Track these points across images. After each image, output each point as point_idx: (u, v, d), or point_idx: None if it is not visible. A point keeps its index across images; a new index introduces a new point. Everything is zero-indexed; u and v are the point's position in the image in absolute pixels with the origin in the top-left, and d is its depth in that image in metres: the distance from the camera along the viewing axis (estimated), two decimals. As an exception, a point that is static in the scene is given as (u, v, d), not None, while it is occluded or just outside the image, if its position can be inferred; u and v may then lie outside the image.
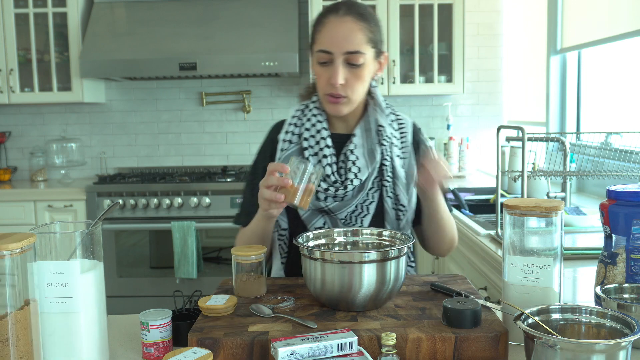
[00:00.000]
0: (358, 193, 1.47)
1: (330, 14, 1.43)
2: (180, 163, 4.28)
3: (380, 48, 1.48)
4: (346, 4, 1.44)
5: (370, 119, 1.52)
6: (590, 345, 0.89)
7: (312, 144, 1.50)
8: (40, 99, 3.89)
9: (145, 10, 3.88)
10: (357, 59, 1.41)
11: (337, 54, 1.41)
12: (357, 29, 1.41)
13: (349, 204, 1.47)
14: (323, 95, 1.47)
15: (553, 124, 3.36)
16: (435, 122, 4.21)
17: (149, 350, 1.11)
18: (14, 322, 0.92)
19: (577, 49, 3.10)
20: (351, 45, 1.40)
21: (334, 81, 1.41)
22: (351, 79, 1.43)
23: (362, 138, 1.50)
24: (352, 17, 1.41)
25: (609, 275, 1.19)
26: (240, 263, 1.31)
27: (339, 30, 1.40)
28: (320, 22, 1.44)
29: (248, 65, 3.62)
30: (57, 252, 1.04)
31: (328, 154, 1.48)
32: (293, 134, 1.53)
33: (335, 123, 1.55)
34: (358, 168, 1.47)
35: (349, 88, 1.44)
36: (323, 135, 1.50)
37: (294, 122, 1.55)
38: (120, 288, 3.67)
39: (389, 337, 0.97)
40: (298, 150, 1.51)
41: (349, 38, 1.40)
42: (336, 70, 1.41)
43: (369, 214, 1.49)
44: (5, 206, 3.71)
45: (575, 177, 2.61)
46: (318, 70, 1.46)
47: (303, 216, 1.49)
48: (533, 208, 1.11)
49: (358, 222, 1.49)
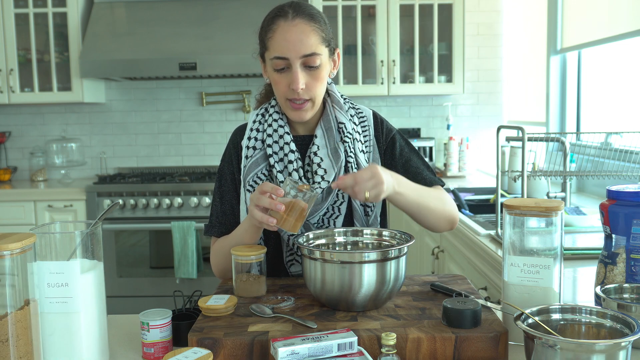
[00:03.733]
0: (328, 195, 1.46)
1: (279, 18, 1.39)
2: (180, 163, 4.28)
3: (333, 46, 1.46)
4: (292, 6, 1.41)
5: (330, 117, 1.50)
6: (590, 345, 0.89)
7: (276, 150, 1.48)
8: (40, 99, 3.89)
9: (145, 10, 3.88)
10: (314, 61, 1.39)
11: (294, 59, 1.38)
12: (309, 30, 1.38)
13: (320, 208, 1.45)
14: (284, 102, 1.44)
15: (553, 124, 3.36)
16: (435, 122, 4.21)
17: (149, 350, 1.11)
18: (14, 322, 0.92)
19: (577, 49, 3.10)
20: (307, 48, 1.37)
21: (295, 86, 1.38)
22: (310, 81, 1.40)
23: (324, 138, 1.48)
24: (303, 19, 1.38)
25: (609, 275, 1.19)
26: (240, 263, 1.31)
27: (292, 35, 1.37)
28: (270, 29, 1.41)
29: (248, 65, 3.62)
30: (57, 252, 1.04)
31: (293, 159, 1.46)
32: (256, 139, 1.50)
33: (295, 125, 1.52)
34: (324, 170, 1.45)
35: (310, 91, 1.41)
36: (286, 140, 1.47)
37: (255, 127, 1.51)
38: (120, 288, 3.67)
39: (389, 337, 0.97)
40: (263, 156, 1.48)
41: (304, 41, 1.37)
42: (295, 75, 1.38)
43: (341, 214, 1.48)
44: (5, 206, 3.71)
45: (575, 177, 2.61)
46: (275, 77, 1.42)
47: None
48: (533, 208, 1.11)
49: (331, 223, 1.48)
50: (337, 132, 1.49)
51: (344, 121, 1.49)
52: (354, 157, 1.48)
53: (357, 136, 1.51)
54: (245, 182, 1.47)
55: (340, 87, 3.83)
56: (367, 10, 3.90)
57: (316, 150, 1.47)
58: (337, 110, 1.50)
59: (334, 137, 1.48)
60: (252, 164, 1.48)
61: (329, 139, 1.48)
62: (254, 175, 1.47)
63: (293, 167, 1.46)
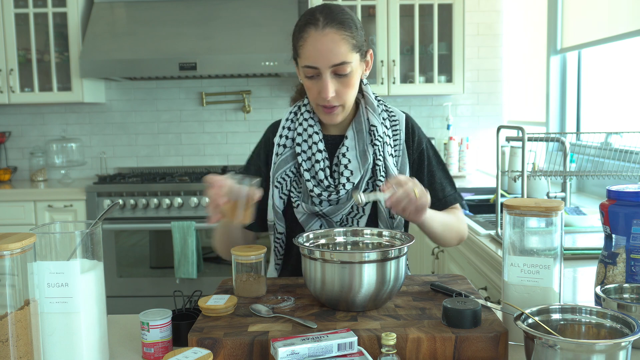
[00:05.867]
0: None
1: (310, 27, 1.39)
2: (180, 163, 4.28)
3: (364, 48, 1.45)
4: (324, 13, 1.40)
5: (362, 119, 1.51)
6: (590, 345, 0.89)
7: (304, 148, 1.50)
8: (40, 99, 3.89)
9: (145, 10, 3.87)
10: (344, 70, 1.39)
11: (324, 69, 1.38)
12: (339, 39, 1.37)
13: (343, 207, 1.47)
14: (316, 106, 1.46)
15: (553, 124, 3.36)
16: (435, 122, 4.21)
17: (149, 350, 1.11)
18: (14, 322, 0.92)
19: (577, 49, 3.10)
20: (337, 58, 1.37)
21: (324, 95, 1.40)
22: (341, 88, 1.41)
23: (354, 139, 1.49)
24: (333, 28, 1.37)
25: (609, 275, 1.19)
26: (240, 263, 1.31)
27: (322, 45, 1.37)
28: (301, 37, 1.41)
29: (248, 65, 3.62)
30: (57, 252, 1.04)
31: (320, 158, 1.48)
32: (287, 137, 1.52)
33: (327, 124, 1.54)
34: (350, 172, 1.46)
35: (340, 97, 1.42)
36: (315, 139, 1.49)
37: (287, 125, 1.54)
38: (120, 288, 3.67)
39: (389, 337, 0.97)
40: (292, 154, 1.51)
41: (334, 51, 1.37)
42: (325, 84, 1.39)
43: (365, 215, 1.49)
44: (5, 206, 3.71)
45: (575, 177, 2.61)
46: (307, 83, 1.44)
47: (300, 219, 1.49)
48: (533, 208, 1.11)
49: (354, 223, 1.49)
50: (368, 135, 1.49)
51: (376, 124, 1.49)
52: (382, 160, 1.49)
53: (387, 140, 1.51)
54: (273, 178, 1.50)
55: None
56: (367, 10, 3.90)
57: (345, 151, 1.48)
58: (370, 112, 1.51)
59: (364, 139, 1.49)
60: (281, 161, 1.51)
61: (358, 141, 1.49)
62: (282, 173, 1.50)
63: (320, 166, 1.47)
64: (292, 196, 1.50)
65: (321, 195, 1.46)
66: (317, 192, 1.46)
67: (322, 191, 1.46)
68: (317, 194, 1.46)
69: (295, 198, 1.49)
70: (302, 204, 1.47)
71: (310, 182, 1.47)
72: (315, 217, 1.49)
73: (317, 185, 1.47)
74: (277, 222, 1.51)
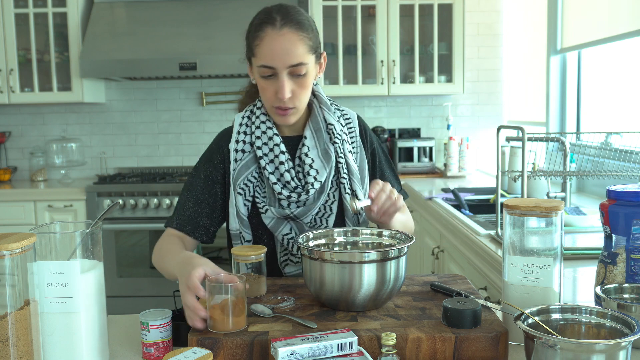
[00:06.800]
0: (320, 195, 1.47)
1: (267, 26, 1.38)
2: (180, 163, 4.28)
3: (319, 51, 1.45)
4: (281, 13, 1.39)
5: (319, 118, 1.50)
6: (590, 345, 0.89)
7: (265, 151, 1.47)
8: (40, 99, 3.89)
9: (145, 10, 3.87)
10: (300, 70, 1.38)
11: (281, 69, 1.37)
12: (297, 40, 1.37)
13: (312, 208, 1.46)
14: (270, 107, 1.45)
15: (553, 124, 3.36)
16: (435, 122, 4.21)
17: (149, 350, 1.11)
18: (14, 322, 0.92)
19: (577, 49, 3.10)
20: (294, 59, 1.37)
21: (281, 95, 1.38)
22: (297, 89, 1.41)
23: (313, 139, 1.49)
24: (290, 28, 1.37)
25: (609, 275, 1.19)
26: (240, 263, 1.31)
27: (279, 45, 1.36)
28: (257, 36, 1.39)
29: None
30: (57, 252, 1.04)
31: (284, 160, 1.46)
32: (244, 142, 1.49)
33: (283, 126, 1.52)
34: (316, 170, 1.46)
35: (296, 99, 1.41)
36: (276, 141, 1.47)
37: (242, 130, 1.50)
38: (120, 288, 3.67)
39: (389, 337, 0.97)
40: (252, 158, 1.48)
41: (291, 52, 1.36)
42: (282, 85, 1.38)
43: (333, 213, 1.49)
44: (5, 206, 3.71)
45: (575, 177, 2.61)
46: (262, 84, 1.42)
47: (268, 225, 1.46)
48: (533, 208, 1.11)
49: (323, 223, 1.48)
50: (327, 133, 1.50)
51: (333, 122, 1.50)
52: (344, 157, 1.50)
53: (345, 137, 1.53)
54: (235, 185, 1.47)
55: (340, 87, 3.84)
56: (367, 10, 3.90)
57: (307, 151, 1.48)
58: (325, 111, 1.51)
59: (323, 138, 1.49)
60: (242, 167, 1.47)
61: (318, 140, 1.49)
62: (245, 178, 1.47)
63: (284, 168, 1.46)
64: (257, 201, 1.47)
65: (290, 197, 1.44)
66: (285, 194, 1.44)
67: (290, 193, 1.45)
68: (287, 196, 1.44)
69: (262, 203, 1.47)
70: (270, 209, 1.45)
71: (277, 185, 1.45)
72: (285, 221, 1.47)
73: (284, 187, 1.45)
74: (243, 230, 1.48)
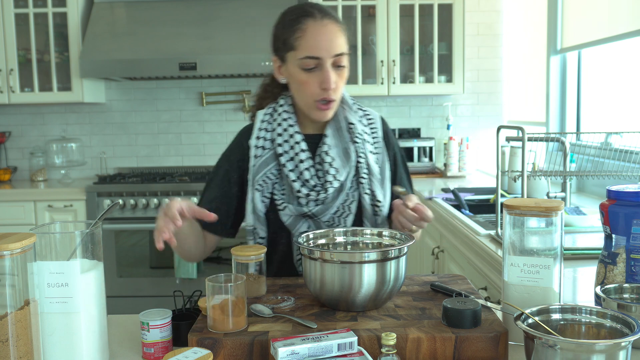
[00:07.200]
0: (338, 194, 1.47)
1: (307, 18, 1.40)
2: (180, 163, 4.28)
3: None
4: (316, 7, 1.43)
5: (340, 118, 1.50)
6: (590, 345, 0.89)
7: (286, 149, 1.47)
8: (40, 99, 3.89)
9: (145, 10, 3.87)
10: (342, 61, 1.42)
11: (326, 58, 1.39)
12: (338, 30, 1.41)
13: (331, 207, 1.46)
14: (312, 102, 1.44)
15: (553, 124, 3.36)
16: (435, 122, 4.21)
17: (149, 350, 1.11)
18: (14, 322, 0.92)
19: (577, 49, 3.10)
20: (338, 48, 1.40)
21: (327, 85, 1.39)
22: (338, 81, 1.43)
23: (334, 138, 1.49)
24: (330, 19, 1.41)
25: (609, 275, 1.19)
26: (240, 263, 1.31)
27: (324, 35, 1.39)
28: (298, 29, 1.40)
29: (248, 65, 3.62)
30: (57, 252, 1.04)
31: (304, 158, 1.46)
32: (265, 139, 1.50)
33: (304, 124, 1.52)
34: (336, 169, 1.46)
35: (338, 90, 1.43)
36: (297, 139, 1.47)
37: (264, 127, 1.51)
38: (120, 288, 3.67)
39: (389, 337, 0.97)
40: (272, 155, 1.48)
41: (334, 41, 1.40)
42: (328, 74, 1.40)
43: (352, 213, 1.49)
44: (5, 206, 3.71)
45: (575, 177, 2.61)
46: (303, 77, 1.42)
47: (286, 222, 1.47)
48: (533, 208, 1.11)
49: (341, 222, 1.48)
50: (348, 132, 1.49)
51: (354, 122, 1.50)
52: (365, 157, 1.49)
53: (367, 137, 1.52)
54: (254, 181, 1.48)
55: (340, 87, 3.83)
56: (367, 10, 3.90)
57: (327, 149, 1.47)
58: (347, 110, 1.51)
59: (344, 137, 1.49)
60: (261, 163, 1.48)
61: (339, 139, 1.49)
62: (263, 175, 1.48)
63: (304, 165, 1.46)
64: (275, 199, 1.48)
65: (309, 196, 1.44)
66: (304, 192, 1.44)
67: (309, 191, 1.45)
68: (305, 194, 1.44)
69: (280, 200, 1.47)
70: (288, 206, 1.46)
71: (296, 183, 1.45)
72: (302, 219, 1.47)
73: (303, 185, 1.46)
74: (259, 226, 1.48)
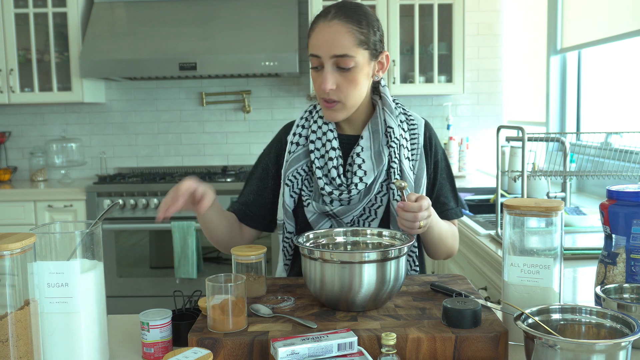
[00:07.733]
0: (364, 197, 1.46)
1: (320, 18, 1.42)
2: (180, 163, 4.28)
3: (378, 48, 1.44)
4: (336, 7, 1.43)
5: (379, 120, 1.49)
6: (590, 345, 0.89)
7: (318, 146, 1.49)
8: (40, 99, 3.89)
9: (145, 10, 3.87)
10: (346, 63, 1.39)
11: (325, 58, 1.39)
12: (343, 32, 1.39)
13: (354, 208, 1.46)
14: (320, 100, 1.47)
15: (553, 124, 3.36)
16: (435, 122, 4.21)
17: (149, 350, 1.11)
18: (14, 322, 0.92)
19: (577, 49, 3.10)
20: (337, 49, 1.38)
21: (323, 86, 1.40)
22: (343, 83, 1.41)
23: (369, 140, 1.48)
24: (340, 20, 1.39)
25: (609, 275, 1.19)
26: (240, 263, 1.31)
27: (325, 35, 1.39)
28: (311, 28, 1.44)
29: (248, 65, 3.62)
30: (57, 252, 1.04)
31: (334, 156, 1.47)
32: (300, 135, 1.53)
33: (343, 124, 1.53)
34: (364, 172, 1.45)
35: (341, 93, 1.42)
36: (329, 137, 1.48)
37: (301, 123, 1.54)
38: (120, 288, 3.67)
39: (389, 337, 0.97)
40: (305, 152, 1.51)
41: (335, 42, 1.38)
42: (325, 75, 1.40)
43: (377, 218, 1.48)
44: (5, 206, 3.71)
45: (575, 177, 2.61)
46: (313, 75, 1.45)
47: (310, 219, 1.48)
48: (533, 208, 1.11)
49: (365, 225, 1.48)
50: (384, 136, 1.48)
51: (393, 125, 1.48)
52: (397, 162, 1.48)
53: (405, 142, 1.50)
54: (285, 176, 1.50)
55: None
56: (367, 10, 3.90)
57: (360, 151, 1.47)
58: (387, 114, 1.49)
59: (379, 140, 1.48)
60: (293, 159, 1.51)
61: (374, 142, 1.48)
62: (294, 171, 1.50)
63: (332, 164, 1.46)
64: (303, 195, 1.50)
65: (332, 194, 1.45)
66: (328, 190, 1.45)
67: (333, 190, 1.45)
68: (328, 192, 1.45)
69: (306, 197, 1.49)
70: (312, 203, 1.47)
71: (321, 180, 1.46)
72: (325, 218, 1.48)
73: (328, 183, 1.46)
74: (286, 221, 1.51)
